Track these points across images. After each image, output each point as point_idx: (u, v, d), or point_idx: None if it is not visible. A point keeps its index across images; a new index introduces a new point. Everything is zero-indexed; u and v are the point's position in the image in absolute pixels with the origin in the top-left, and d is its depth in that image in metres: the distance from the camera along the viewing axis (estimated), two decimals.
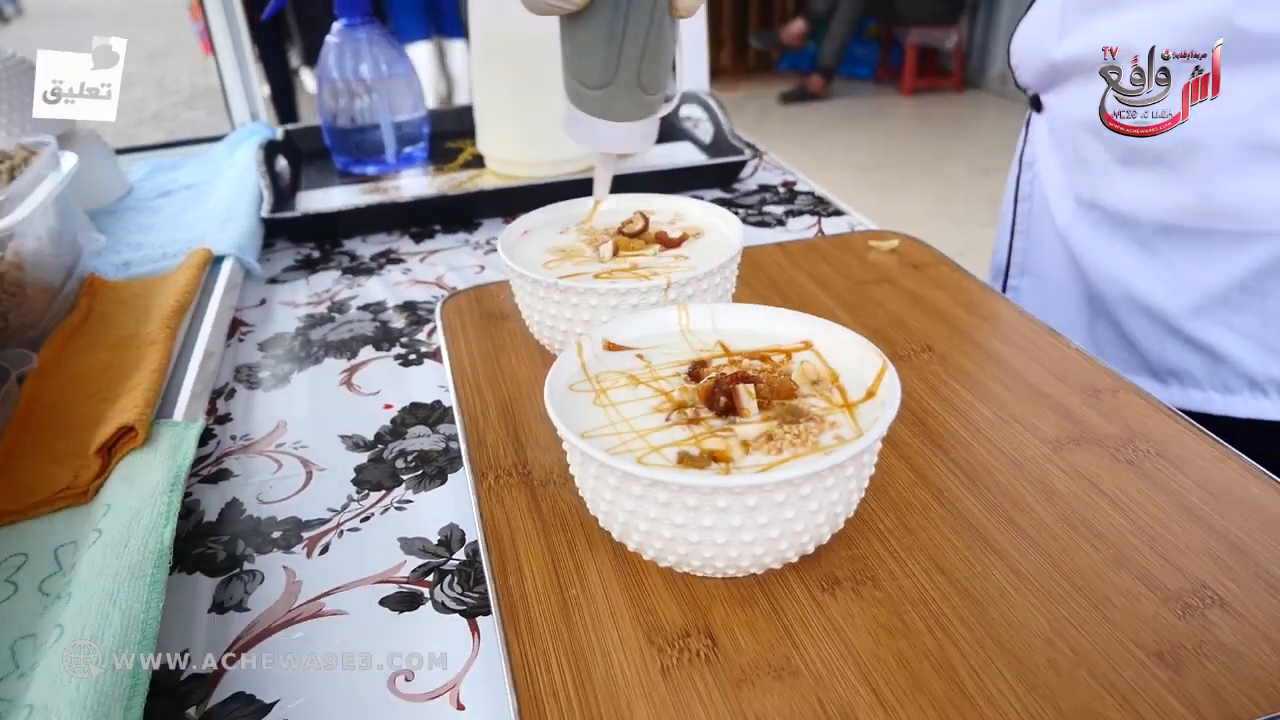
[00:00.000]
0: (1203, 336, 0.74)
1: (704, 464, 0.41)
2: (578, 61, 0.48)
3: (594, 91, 0.49)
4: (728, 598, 0.44)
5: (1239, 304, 0.71)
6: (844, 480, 0.41)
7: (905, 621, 0.43)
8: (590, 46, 0.48)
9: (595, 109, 0.50)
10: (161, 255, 0.86)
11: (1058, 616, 0.43)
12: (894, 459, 0.54)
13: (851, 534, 0.48)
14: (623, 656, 0.42)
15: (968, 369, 0.63)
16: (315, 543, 0.53)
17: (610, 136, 0.51)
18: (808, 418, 0.44)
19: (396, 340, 0.75)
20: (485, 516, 0.51)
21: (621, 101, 0.49)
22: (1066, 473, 0.52)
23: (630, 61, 0.48)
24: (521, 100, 1.01)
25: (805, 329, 0.51)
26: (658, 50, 0.49)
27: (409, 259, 0.90)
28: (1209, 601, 0.43)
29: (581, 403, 0.47)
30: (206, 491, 0.58)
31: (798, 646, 0.42)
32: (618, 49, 0.48)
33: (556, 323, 0.59)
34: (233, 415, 0.66)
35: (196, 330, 0.72)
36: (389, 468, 0.60)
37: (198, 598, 0.50)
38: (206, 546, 0.53)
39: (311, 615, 0.48)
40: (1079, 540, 0.47)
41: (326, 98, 1.10)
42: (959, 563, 0.46)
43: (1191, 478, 0.51)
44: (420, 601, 0.49)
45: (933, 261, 0.79)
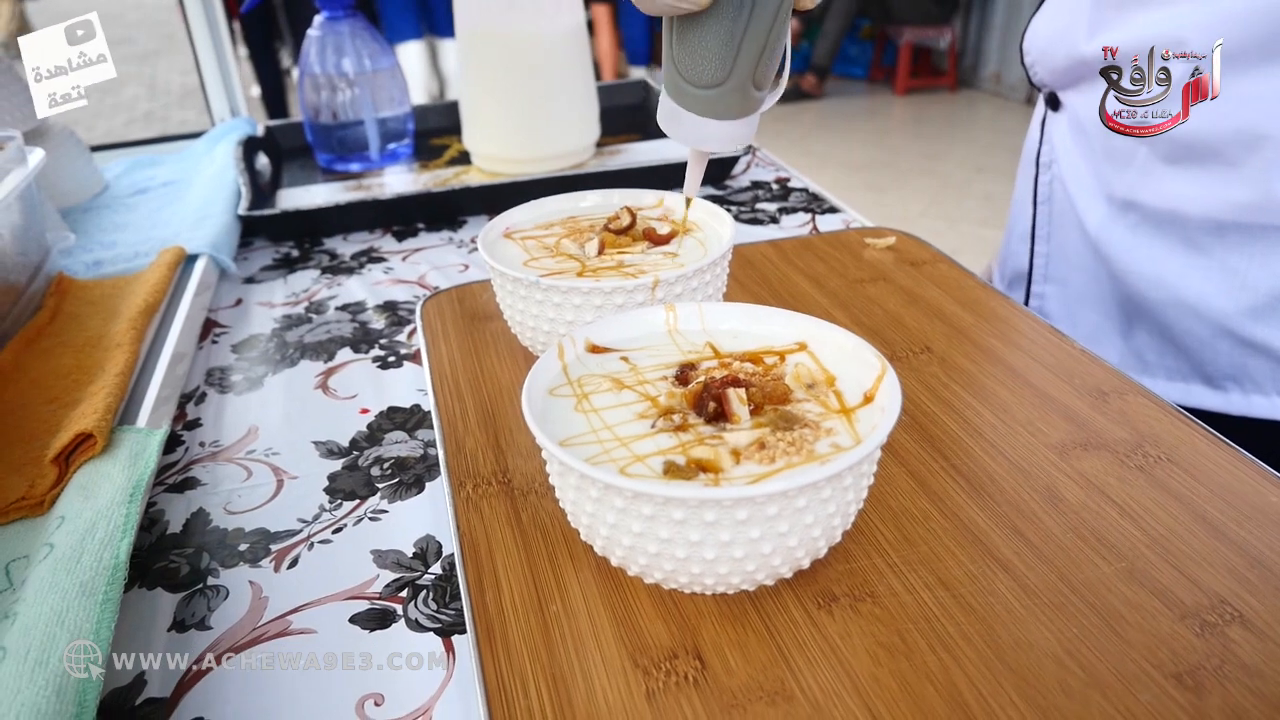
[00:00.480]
0: (1263, 339, 0.69)
1: (691, 474, 0.38)
2: (689, 61, 0.45)
3: (704, 91, 0.46)
4: (718, 616, 0.42)
5: None
6: (841, 491, 0.39)
7: (906, 641, 0.40)
8: (706, 47, 0.45)
9: (703, 109, 0.47)
10: (134, 254, 0.83)
11: (1068, 634, 0.40)
12: (893, 466, 0.51)
13: (849, 547, 0.45)
14: (605, 679, 0.39)
15: (969, 370, 0.60)
16: (284, 556, 0.50)
17: (716, 135, 0.47)
18: (802, 424, 0.41)
19: (375, 342, 0.72)
20: (462, 528, 0.48)
21: (732, 100, 0.46)
22: (1074, 480, 0.50)
23: (747, 61, 0.45)
24: (507, 97, 0.99)
25: (800, 330, 0.48)
26: (775, 47, 0.46)
27: (391, 258, 0.87)
28: (1229, 618, 0.41)
29: (562, 408, 0.44)
30: (171, 501, 0.55)
31: (792, 669, 0.39)
32: (736, 48, 0.45)
33: (539, 323, 0.56)
34: (202, 421, 0.63)
35: (166, 332, 0.69)
36: (364, 476, 0.57)
37: (157, 615, 0.47)
38: (169, 560, 0.51)
39: (277, 634, 0.46)
40: (1089, 552, 0.45)
41: (309, 93, 1.07)
42: (963, 577, 0.43)
43: (1206, 485, 0.49)
44: (393, 619, 0.46)
45: (930, 259, 0.76)
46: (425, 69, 4.78)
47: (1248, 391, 0.72)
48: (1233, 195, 0.67)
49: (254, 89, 4.44)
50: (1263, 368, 0.70)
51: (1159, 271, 0.73)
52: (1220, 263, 0.70)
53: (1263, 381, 0.71)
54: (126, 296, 0.72)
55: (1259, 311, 0.69)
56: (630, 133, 1.17)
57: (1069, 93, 0.80)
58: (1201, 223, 0.70)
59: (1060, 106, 0.82)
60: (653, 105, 1.25)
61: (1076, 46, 0.74)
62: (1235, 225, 0.68)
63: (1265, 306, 0.69)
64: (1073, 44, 0.74)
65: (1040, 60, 0.80)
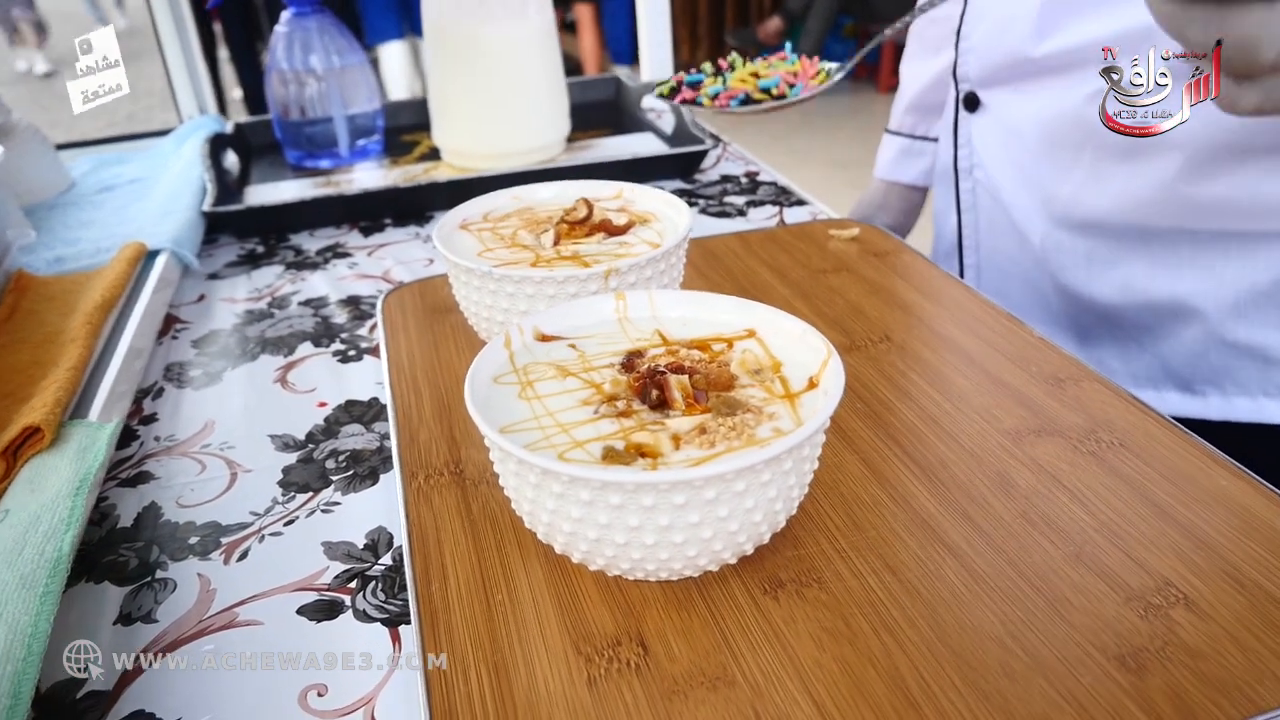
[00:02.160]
0: (1248, 339, 0.68)
1: (630, 459, 0.38)
2: None
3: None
4: (663, 602, 0.42)
5: None
6: (782, 475, 0.38)
7: (851, 625, 0.40)
8: None
9: None
10: (97, 251, 0.83)
11: (1013, 618, 0.40)
12: (846, 453, 0.51)
13: (798, 533, 0.45)
14: (547, 667, 0.39)
15: (926, 358, 0.60)
16: (234, 548, 0.50)
17: None
18: (745, 409, 0.41)
19: (337, 336, 0.72)
20: (412, 518, 0.48)
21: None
22: (1026, 465, 0.50)
23: None
24: (475, 93, 0.98)
25: (749, 317, 0.48)
26: None
27: (356, 253, 0.87)
28: (1173, 600, 0.41)
29: (506, 395, 0.44)
30: (124, 495, 0.55)
31: (735, 654, 0.39)
32: None
33: (494, 314, 0.56)
34: (159, 415, 0.63)
35: (123, 327, 0.68)
36: (318, 468, 0.56)
37: (103, 608, 0.47)
38: (118, 554, 0.50)
39: (224, 626, 0.45)
40: (1038, 537, 0.45)
41: (277, 89, 1.07)
42: (910, 562, 0.43)
43: (1156, 469, 0.49)
44: (340, 610, 0.46)
45: (894, 249, 0.76)
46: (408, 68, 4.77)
47: (1229, 395, 0.70)
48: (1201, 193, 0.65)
49: (236, 90, 4.42)
50: (1247, 369, 0.68)
51: (1123, 276, 0.71)
52: (1191, 261, 0.68)
53: (1246, 383, 0.69)
54: (85, 292, 0.72)
55: (1241, 309, 0.67)
56: (602, 128, 1.17)
57: (996, 91, 0.77)
58: (1168, 224, 0.67)
59: (978, 107, 0.79)
60: (624, 101, 1.25)
61: (1020, 48, 0.71)
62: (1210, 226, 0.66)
63: (1248, 304, 0.67)
64: (1016, 44, 0.72)
65: (974, 51, 0.77)
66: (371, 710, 0.40)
